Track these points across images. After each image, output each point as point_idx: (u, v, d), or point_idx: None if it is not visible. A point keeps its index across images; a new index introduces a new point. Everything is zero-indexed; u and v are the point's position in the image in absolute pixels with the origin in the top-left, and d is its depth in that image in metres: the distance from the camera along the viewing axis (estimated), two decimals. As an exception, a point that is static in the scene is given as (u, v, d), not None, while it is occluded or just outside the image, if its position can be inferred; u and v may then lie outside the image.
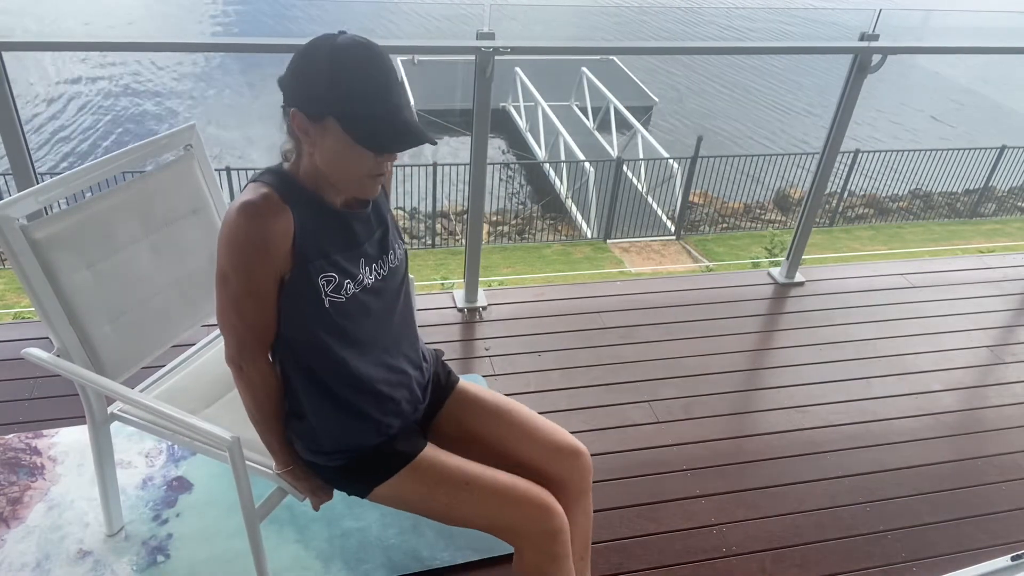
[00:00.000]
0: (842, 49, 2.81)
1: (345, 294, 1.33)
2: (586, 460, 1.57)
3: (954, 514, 2.16)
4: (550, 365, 2.62)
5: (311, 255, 1.28)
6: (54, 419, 2.22)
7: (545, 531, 1.42)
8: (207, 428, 1.46)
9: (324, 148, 1.23)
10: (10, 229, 1.48)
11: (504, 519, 1.43)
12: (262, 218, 1.23)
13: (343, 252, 1.33)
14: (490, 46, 2.33)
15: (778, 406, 2.52)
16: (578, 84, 13.52)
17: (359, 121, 1.19)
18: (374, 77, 1.19)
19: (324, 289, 1.30)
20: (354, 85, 1.18)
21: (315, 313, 1.31)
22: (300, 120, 1.22)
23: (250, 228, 1.23)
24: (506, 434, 1.54)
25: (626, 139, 12.29)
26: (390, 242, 1.42)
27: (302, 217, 1.27)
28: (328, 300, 1.31)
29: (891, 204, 10.89)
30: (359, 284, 1.35)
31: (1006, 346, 2.92)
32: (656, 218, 10.11)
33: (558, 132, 11.65)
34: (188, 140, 1.81)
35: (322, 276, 1.29)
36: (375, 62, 1.19)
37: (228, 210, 1.25)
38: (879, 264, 3.62)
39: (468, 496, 1.42)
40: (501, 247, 9.32)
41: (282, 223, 1.25)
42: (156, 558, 1.83)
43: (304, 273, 1.28)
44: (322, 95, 1.19)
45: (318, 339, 1.34)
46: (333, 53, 1.18)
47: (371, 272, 1.37)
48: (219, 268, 1.28)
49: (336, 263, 1.31)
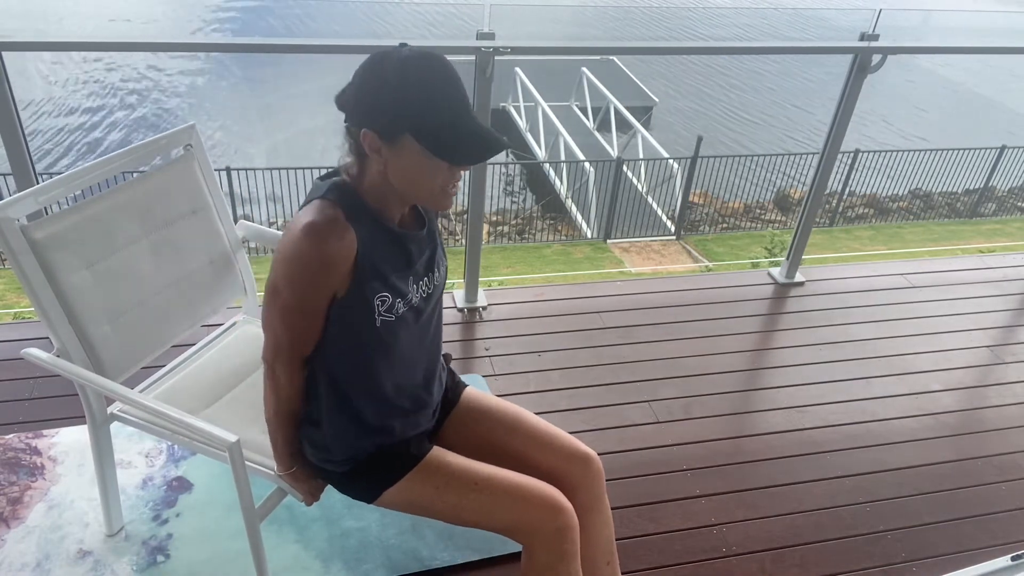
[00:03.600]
0: (842, 49, 2.81)
1: (395, 313, 1.32)
2: (597, 465, 1.56)
3: (954, 514, 2.16)
4: (550, 365, 2.62)
5: (369, 276, 1.27)
6: (54, 419, 2.22)
7: (556, 529, 1.41)
8: (207, 429, 1.46)
9: (398, 165, 1.21)
10: (10, 229, 1.47)
11: (514, 518, 1.42)
12: (326, 241, 1.21)
13: (397, 272, 1.32)
14: (490, 46, 2.33)
15: (778, 406, 2.52)
16: (578, 84, 13.52)
17: (438, 137, 1.17)
18: (447, 90, 1.17)
19: (378, 309, 1.29)
20: (428, 100, 1.16)
21: (365, 331, 1.31)
22: (372, 140, 1.19)
23: (312, 250, 1.21)
24: (514, 441, 1.54)
25: (626, 139, 12.29)
26: (437, 261, 1.42)
27: (364, 237, 1.25)
28: (380, 320, 1.30)
29: (891, 204, 10.89)
30: (408, 303, 1.34)
31: (1006, 346, 2.92)
32: (656, 218, 10.11)
33: (558, 132, 11.65)
34: (188, 140, 1.81)
35: (377, 296, 1.28)
36: (445, 74, 1.18)
37: (292, 226, 1.23)
38: (879, 264, 3.62)
39: (477, 496, 1.41)
40: (501, 247, 9.32)
41: (345, 245, 1.23)
42: (156, 558, 1.83)
43: (360, 293, 1.27)
44: (396, 114, 1.17)
45: (361, 355, 1.33)
46: (402, 69, 1.15)
47: (418, 291, 1.37)
48: (272, 280, 1.26)
49: (391, 284, 1.30)
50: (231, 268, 1.92)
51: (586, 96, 13.32)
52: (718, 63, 17.27)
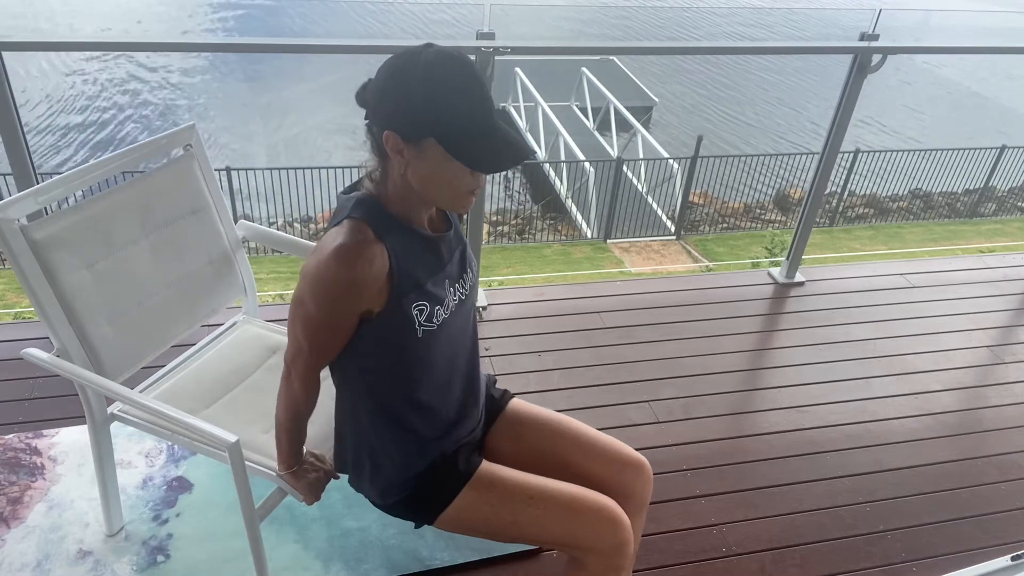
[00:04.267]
0: (842, 49, 2.81)
1: (436, 321, 1.30)
2: (649, 473, 1.54)
3: (954, 514, 2.16)
4: (550, 365, 2.62)
5: (405, 288, 1.25)
6: (54, 419, 2.22)
7: (614, 544, 1.39)
8: (207, 429, 1.46)
9: (420, 168, 1.19)
10: (9, 229, 1.48)
11: (573, 533, 1.39)
12: (356, 264, 1.19)
13: (432, 277, 1.30)
14: (490, 46, 2.33)
15: (778, 406, 2.52)
16: (578, 84, 13.53)
17: (462, 141, 1.14)
18: (472, 93, 1.15)
19: (418, 319, 1.27)
20: (453, 104, 1.14)
21: (408, 344, 1.29)
22: (395, 142, 1.17)
23: (342, 273, 1.19)
24: (566, 448, 1.51)
25: (626, 139, 12.29)
26: (468, 260, 1.40)
27: (396, 249, 1.23)
28: (422, 330, 1.28)
29: (891, 204, 10.89)
30: (447, 309, 1.32)
31: (1006, 346, 2.92)
32: (656, 218, 10.11)
33: (558, 132, 11.65)
34: (188, 140, 1.81)
35: (415, 305, 1.27)
36: (471, 76, 1.14)
37: (322, 247, 1.20)
38: (879, 264, 3.62)
39: (533, 511, 1.38)
40: (501, 247, 9.32)
41: (376, 265, 1.21)
42: (156, 558, 1.83)
43: (398, 306, 1.25)
44: (420, 116, 1.14)
45: (405, 369, 1.32)
46: (427, 71, 1.12)
47: (454, 293, 1.35)
48: (299, 294, 1.24)
49: (427, 291, 1.28)
50: (231, 268, 1.92)
51: (586, 96, 13.32)
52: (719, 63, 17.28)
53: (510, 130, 1.18)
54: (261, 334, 1.97)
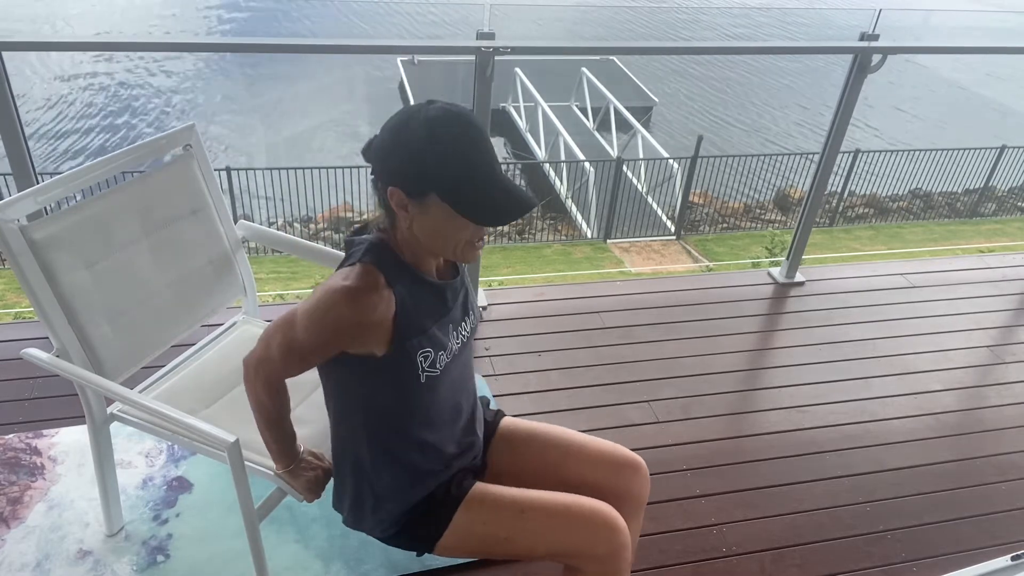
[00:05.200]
0: (842, 49, 2.81)
1: (440, 367, 1.32)
2: (645, 472, 1.54)
3: (954, 514, 2.16)
4: (550, 365, 2.62)
5: (411, 333, 1.26)
6: (54, 419, 2.22)
7: (611, 549, 1.39)
8: (207, 429, 1.46)
9: (425, 222, 1.20)
10: (9, 229, 1.48)
11: (568, 541, 1.39)
12: (365, 308, 1.21)
13: (437, 322, 1.31)
14: (490, 46, 2.33)
15: (778, 406, 2.52)
16: (578, 84, 13.52)
17: (465, 196, 1.16)
18: (474, 149, 1.17)
19: (422, 365, 1.29)
20: (457, 161, 1.15)
21: (411, 388, 1.30)
22: (399, 198, 1.19)
23: (345, 314, 1.21)
24: (559, 457, 1.52)
25: (626, 139, 12.29)
26: (470, 304, 1.42)
27: (404, 295, 1.25)
28: (425, 376, 1.30)
29: (891, 204, 10.89)
30: (450, 354, 1.34)
31: (1006, 346, 2.92)
32: (656, 218, 10.11)
33: (558, 132, 11.65)
34: (187, 140, 1.81)
35: (420, 352, 1.28)
36: (472, 133, 1.17)
37: (330, 285, 1.22)
38: (879, 264, 3.62)
39: (526, 524, 1.38)
40: (501, 247, 9.32)
41: (381, 310, 1.22)
42: (156, 558, 1.83)
43: (403, 351, 1.26)
44: (424, 173, 1.16)
45: (407, 410, 1.33)
46: (429, 128, 1.15)
47: (457, 337, 1.36)
48: (292, 316, 1.25)
49: (432, 336, 1.30)
50: (231, 268, 1.92)
51: (586, 96, 13.32)
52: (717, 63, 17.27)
53: (512, 182, 1.20)
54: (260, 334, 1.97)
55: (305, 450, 1.50)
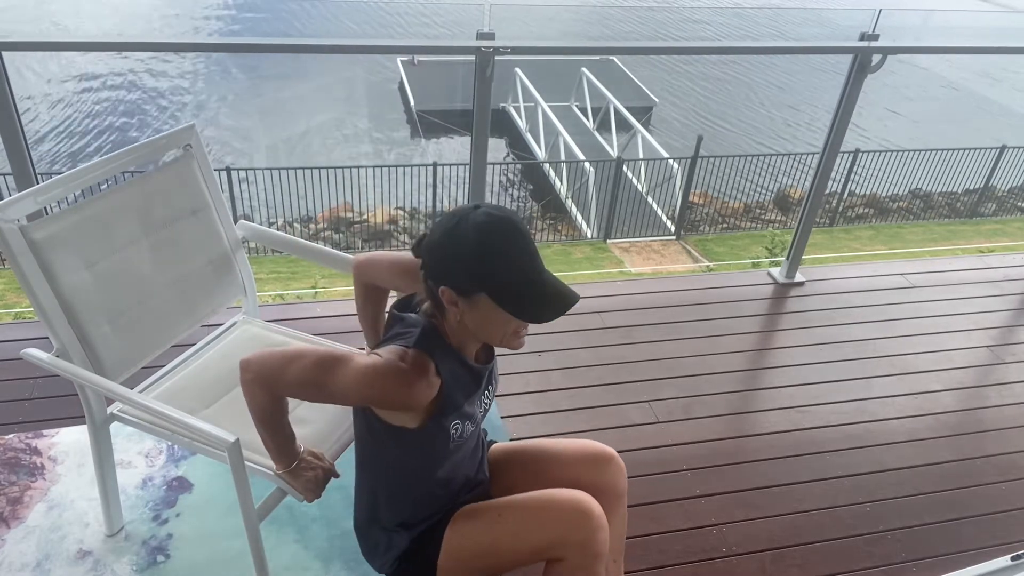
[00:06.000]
0: (842, 49, 2.81)
1: (466, 436, 1.40)
2: (619, 463, 1.59)
3: (954, 514, 2.16)
4: (550, 365, 2.62)
5: (448, 411, 1.34)
6: (54, 419, 2.22)
7: (587, 532, 1.41)
8: (207, 429, 1.46)
9: (475, 316, 1.27)
10: (9, 229, 1.48)
11: (547, 532, 1.42)
12: (412, 395, 1.27)
13: (469, 399, 1.39)
14: (490, 46, 2.33)
15: (778, 406, 2.52)
16: (578, 84, 13.52)
17: (511, 295, 1.23)
18: (521, 253, 1.23)
19: (452, 436, 1.37)
20: (504, 265, 1.22)
21: (440, 453, 1.39)
22: (450, 296, 1.25)
23: (394, 393, 1.27)
24: (540, 467, 1.58)
25: (626, 139, 12.29)
26: (494, 375, 1.49)
27: (448, 378, 1.32)
28: (453, 443, 1.38)
29: (891, 204, 10.89)
30: (475, 422, 1.43)
31: (1006, 346, 2.92)
32: (656, 218, 10.11)
33: (558, 132, 11.65)
34: (187, 140, 1.81)
35: (453, 424, 1.36)
36: (519, 237, 1.23)
37: (388, 362, 1.26)
38: (879, 264, 3.62)
39: (505, 525, 1.44)
40: (501, 247, 9.30)
41: (427, 394, 1.29)
42: (156, 558, 1.83)
43: (438, 425, 1.34)
44: (473, 275, 1.23)
45: (429, 469, 1.41)
46: (478, 234, 1.21)
47: (481, 408, 1.45)
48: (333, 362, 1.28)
49: (464, 412, 1.38)
50: (231, 268, 1.92)
51: (586, 96, 13.32)
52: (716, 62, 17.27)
53: (554, 279, 1.26)
54: (261, 334, 1.97)
55: (305, 450, 1.50)
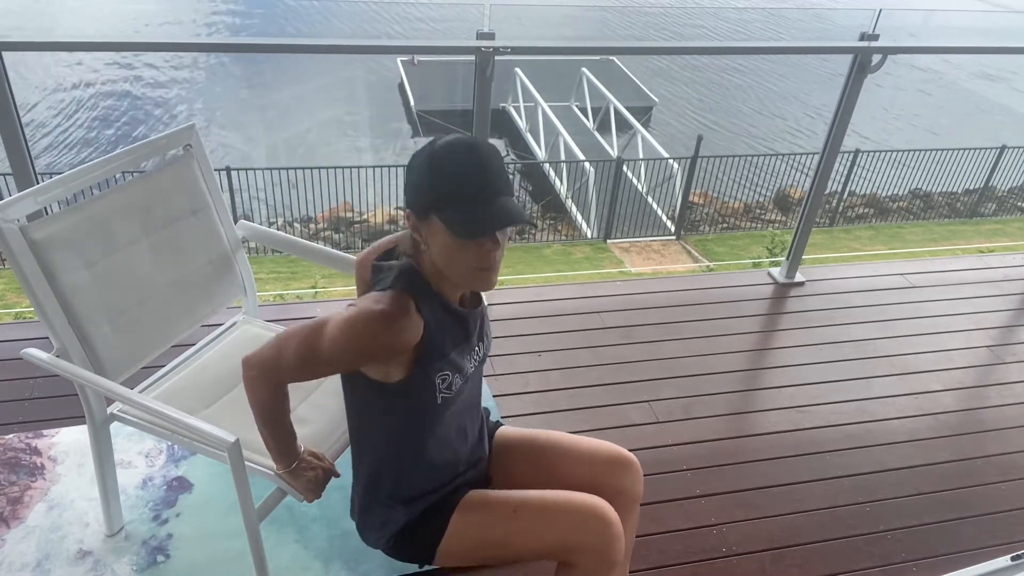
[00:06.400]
0: (842, 49, 2.81)
1: (455, 389, 1.36)
2: (637, 468, 1.57)
3: (954, 514, 2.16)
4: (550, 365, 2.62)
5: (433, 358, 1.31)
6: (54, 419, 2.22)
7: (604, 541, 1.40)
8: (207, 429, 1.46)
9: (434, 245, 1.25)
10: (9, 229, 1.48)
11: (562, 535, 1.41)
12: (396, 333, 1.25)
13: (457, 348, 1.36)
14: (490, 46, 2.33)
15: (778, 406, 2.52)
16: (578, 84, 13.53)
17: (453, 209, 1.20)
18: (469, 166, 1.21)
19: (439, 387, 1.33)
20: (449, 176, 1.20)
21: (428, 409, 1.35)
22: (411, 219, 1.26)
23: (379, 337, 1.25)
24: (553, 460, 1.55)
25: (626, 139, 12.29)
26: (486, 330, 1.46)
27: (430, 321, 1.29)
28: (441, 397, 1.34)
29: (891, 204, 10.89)
30: (464, 377, 1.39)
31: (1006, 346, 2.92)
32: (656, 218, 10.11)
33: (558, 132, 11.65)
34: (187, 140, 1.81)
35: (439, 375, 1.32)
36: (472, 153, 1.21)
37: (366, 307, 1.25)
38: (879, 264, 3.62)
39: (520, 523, 1.41)
40: (501, 247, 9.31)
41: (411, 336, 1.27)
42: (156, 558, 1.83)
43: (424, 374, 1.31)
44: (423, 191, 1.22)
45: (420, 430, 1.37)
46: (431, 153, 1.21)
47: (471, 362, 1.41)
48: (319, 327, 1.27)
49: (451, 360, 1.34)
50: (231, 268, 1.92)
51: (586, 96, 13.32)
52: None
53: (510, 202, 1.23)
54: (261, 334, 1.97)
55: (305, 450, 1.50)
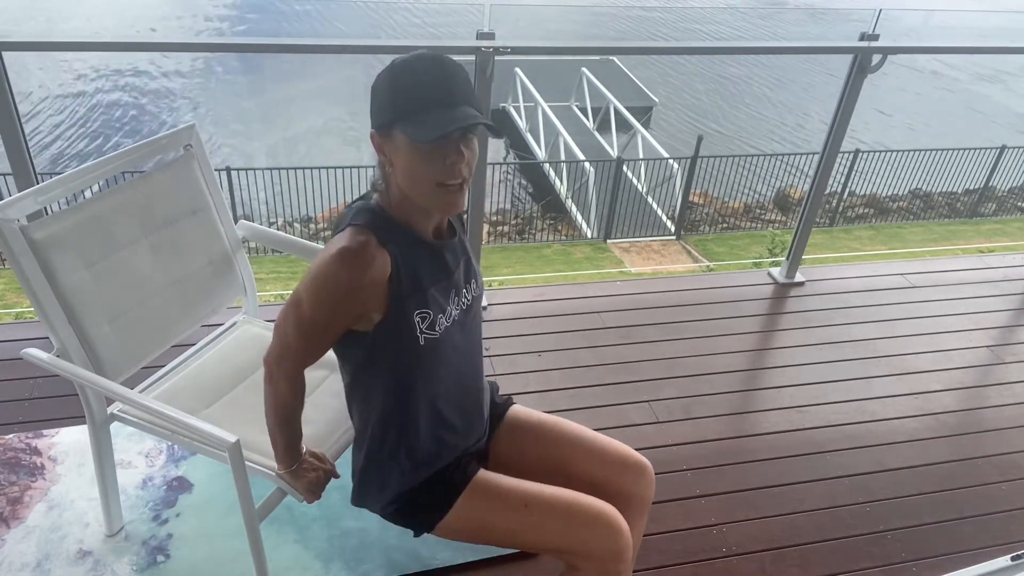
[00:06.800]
0: (842, 49, 2.81)
1: (439, 330, 1.31)
2: (651, 474, 1.55)
3: (954, 514, 2.16)
4: (550, 365, 2.62)
5: (407, 291, 1.27)
6: (54, 419, 2.22)
7: (612, 551, 1.38)
8: (207, 429, 1.46)
9: (398, 164, 1.22)
10: (9, 229, 1.48)
11: (570, 539, 1.39)
12: (359, 267, 1.22)
13: (436, 284, 1.32)
14: (490, 46, 2.33)
15: (778, 406, 2.52)
16: (578, 84, 13.52)
17: (413, 118, 1.17)
18: (432, 75, 1.18)
19: (419, 326, 1.29)
20: (412, 86, 1.18)
21: (410, 351, 1.30)
22: (376, 139, 1.23)
23: (344, 276, 1.22)
24: (566, 452, 1.52)
25: (626, 139, 12.29)
26: (472, 271, 1.42)
27: (399, 255, 1.26)
28: (423, 338, 1.30)
29: (891, 204, 10.89)
30: (449, 318, 1.34)
31: (1006, 346, 2.92)
32: (656, 218, 10.11)
33: (558, 132, 11.65)
34: (188, 140, 1.81)
35: (417, 313, 1.28)
36: (436, 64, 1.19)
37: (326, 251, 1.23)
38: (879, 264, 3.62)
39: (529, 518, 1.39)
40: (501, 247, 9.32)
41: (378, 268, 1.23)
42: (156, 558, 1.83)
43: (400, 312, 1.27)
44: (385, 105, 1.20)
45: (408, 378, 1.33)
46: (393, 68, 1.20)
47: (457, 304, 1.36)
48: (298, 292, 1.26)
49: (431, 297, 1.30)
50: (231, 268, 1.92)
51: (586, 96, 13.32)
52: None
53: (466, 107, 1.20)
54: (261, 334, 1.97)
55: (307, 451, 1.50)
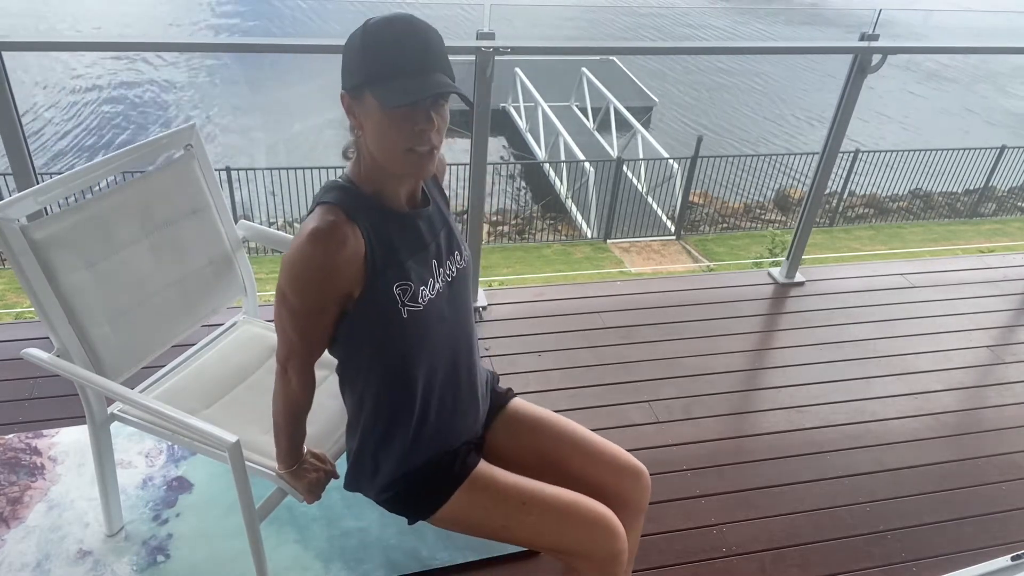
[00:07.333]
0: (842, 49, 2.81)
1: (422, 302, 1.29)
2: (647, 479, 1.54)
3: (954, 514, 2.16)
4: (550, 365, 2.62)
5: (382, 265, 1.25)
6: (54, 419, 2.22)
7: (609, 554, 1.39)
8: (207, 429, 1.46)
9: (368, 127, 1.20)
10: (10, 229, 1.48)
11: (566, 540, 1.39)
12: (329, 246, 1.20)
13: (413, 255, 1.29)
14: (490, 46, 2.33)
15: (778, 406, 2.52)
16: (578, 84, 13.52)
17: (384, 82, 1.15)
18: (405, 37, 1.16)
19: (400, 299, 1.26)
20: (384, 47, 1.16)
21: (394, 325, 1.28)
22: (346, 100, 1.21)
23: (316, 256, 1.20)
24: (564, 451, 1.51)
25: (626, 139, 12.29)
26: (456, 242, 1.39)
27: (370, 228, 1.24)
28: (406, 310, 1.27)
29: (891, 204, 10.89)
30: (433, 290, 1.31)
31: (1006, 346, 2.92)
32: (656, 218, 10.10)
33: (558, 132, 11.65)
34: (188, 140, 1.81)
35: (397, 285, 1.26)
36: (406, 27, 1.17)
37: (298, 235, 1.22)
38: (879, 264, 3.62)
39: (526, 516, 1.39)
40: (501, 247, 9.32)
41: (351, 245, 1.22)
42: (156, 558, 1.83)
43: (378, 285, 1.25)
44: (356, 67, 1.17)
45: (395, 354, 1.31)
46: (364, 30, 1.17)
47: (441, 275, 1.34)
48: (280, 288, 1.25)
49: (409, 268, 1.28)
50: (231, 268, 1.92)
51: (586, 96, 13.32)
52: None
53: (445, 80, 1.18)
54: (261, 334, 1.97)
55: (308, 451, 1.50)
